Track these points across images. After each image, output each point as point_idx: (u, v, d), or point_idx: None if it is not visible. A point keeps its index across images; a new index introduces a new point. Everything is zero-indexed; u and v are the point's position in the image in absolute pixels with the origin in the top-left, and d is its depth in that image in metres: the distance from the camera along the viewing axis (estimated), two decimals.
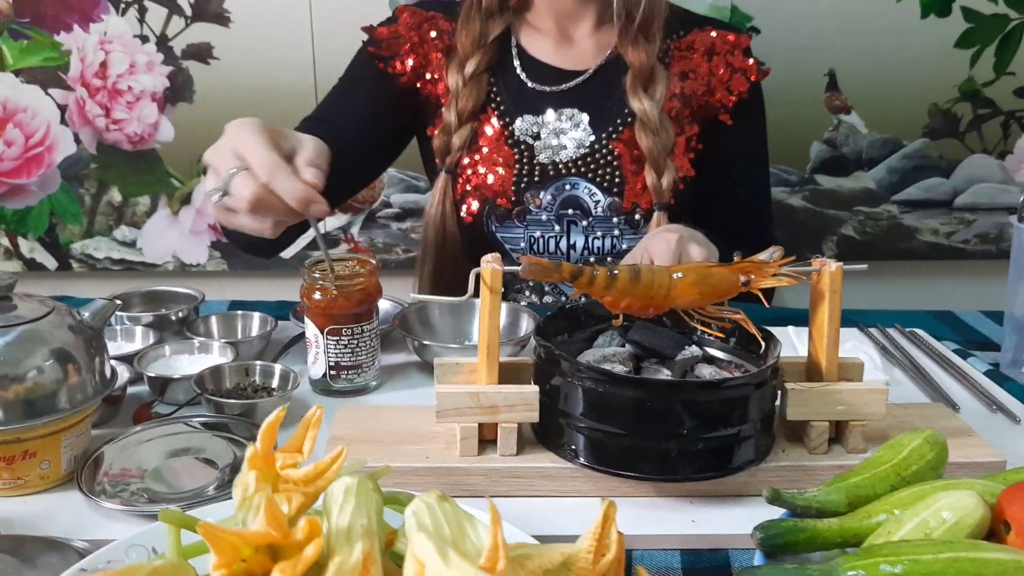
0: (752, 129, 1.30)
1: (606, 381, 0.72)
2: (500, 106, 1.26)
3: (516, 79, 1.27)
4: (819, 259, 0.78)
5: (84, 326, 0.76)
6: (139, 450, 0.79)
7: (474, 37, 1.25)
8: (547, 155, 1.25)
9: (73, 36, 1.77)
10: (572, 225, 1.26)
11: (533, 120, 1.25)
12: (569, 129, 1.25)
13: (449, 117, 1.25)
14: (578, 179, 1.25)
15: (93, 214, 1.88)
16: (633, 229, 1.25)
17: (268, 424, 0.51)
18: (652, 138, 1.20)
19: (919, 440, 0.68)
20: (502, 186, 1.24)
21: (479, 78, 1.25)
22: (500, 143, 1.25)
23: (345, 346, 0.91)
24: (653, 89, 1.21)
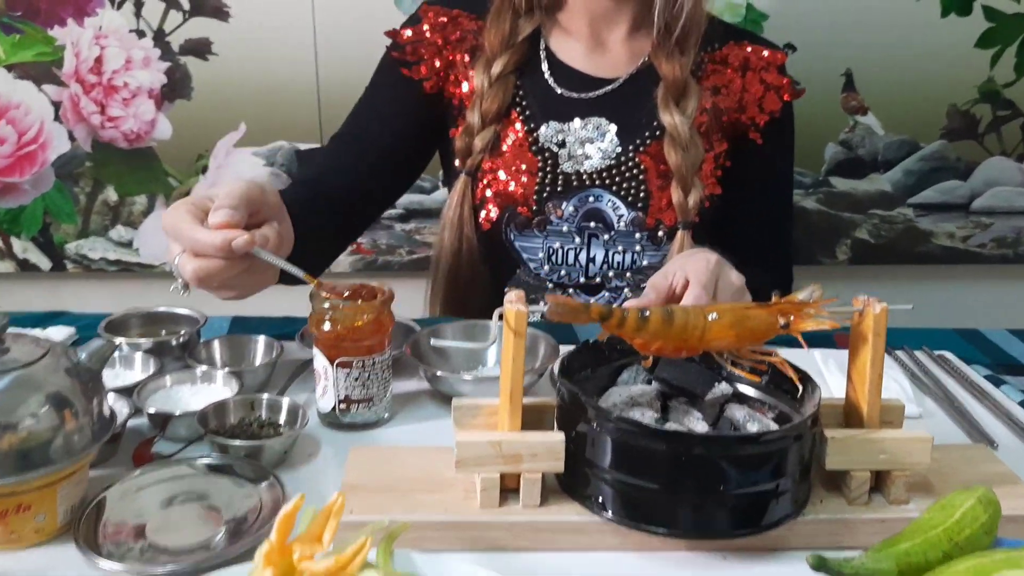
0: (781, 150, 1.27)
1: (636, 432, 0.68)
2: (526, 110, 1.22)
3: (544, 83, 1.23)
4: (862, 299, 0.74)
5: (81, 368, 0.72)
6: (140, 497, 0.74)
7: (503, 36, 1.20)
8: (571, 164, 1.21)
9: (67, 30, 1.71)
10: (593, 238, 1.22)
11: (559, 127, 1.21)
12: (595, 139, 1.20)
13: (472, 118, 1.21)
14: (602, 191, 1.20)
15: (88, 214, 1.83)
16: (655, 246, 1.21)
17: (283, 516, 0.46)
18: (681, 154, 1.16)
19: (972, 501, 0.64)
20: (523, 194, 1.20)
21: (506, 79, 1.21)
22: (523, 149, 1.21)
23: (356, 379, 0.87)
24: (685, 104, 1.17)
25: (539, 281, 1.24)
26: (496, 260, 1.24)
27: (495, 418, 0.74)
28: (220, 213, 0.80)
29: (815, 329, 0.72)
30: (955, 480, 0.77)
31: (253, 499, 0.75)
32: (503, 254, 1.24)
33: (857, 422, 0.75)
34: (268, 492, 0.75)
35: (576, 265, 1.23)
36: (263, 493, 0.75)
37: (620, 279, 1.23)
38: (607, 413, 0.69)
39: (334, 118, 1.76)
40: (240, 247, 0.79)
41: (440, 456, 0.78)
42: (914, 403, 0.96)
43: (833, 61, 1.77)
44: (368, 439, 0.89)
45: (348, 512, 0.70)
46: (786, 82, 1.23)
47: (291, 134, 1.79)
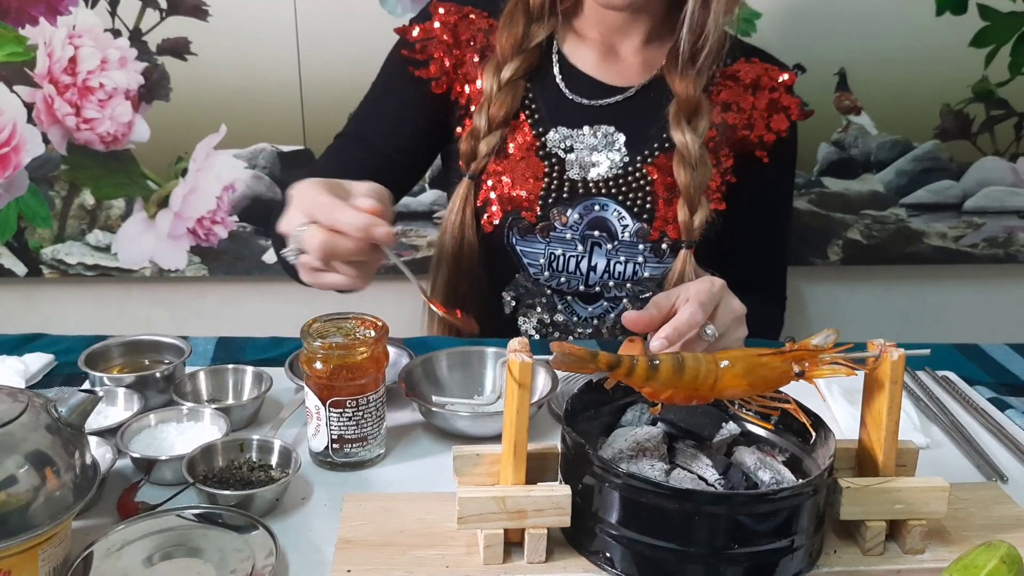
0: (785, 169, 1.25)
1: (646, 490, 0.65)
2: (534, 115, 1.19)
3: (554, 88, 1.20)
4: (878, 343, 0.71)
5: (62, 424, 0.68)
6: (126, 553, 0.71)
7: (516, 40, 1.17)
8: (578, 171, 1.18)
9: (39, 30, 1.65)
10: (596, 247, 1.20)
11: (567, 133, 1.19)
12: (603, 147, 1.18)
13: (479, 122, 1.18)
14: (608, 200, 1.18)
15: (64, 218, 1.78)
16: (658, 258, 1.19)
17: None
18: (690, 173, 1.14)
19: (995, 561, 0.62)
20: (529, 199, 1.18)
21: (515, 84, 1.18)
22: (531, 153, 1.18)
23: (349, 418, 0.84)
24: (696, 123, 1.15)
25: (538, 287, 1.22)
26: (497, 264, 1.22)
27: (497, 467, 0.72)
28: (369, 201, 0.82)
29: (831, 376, 0.70)
30: (970, 525, 0.75)
31: (244, 553, 0.71)
32: (503, 258, 1.21)
33: (871, 468, 0.73)
34: (259, 545, 0.72)
35: (577, 273, 1.21)
36: (254, 547, 0.72)
37: (620, 289, 1.21)
38: (613, 467, 0.67)
39: (318, 119, 1.73)
40: (382, 237, 0.80)
41: (439, 504, 0.75)
42: (921, 433, 0.94)
43: (826, 60, 1.74)
44: (362, 480, 0.85)
45: (346, 572, 0.68)
46: (795, 103, 1.21)
47: (273, 136, 1.74)
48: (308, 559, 0.73)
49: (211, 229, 1.79)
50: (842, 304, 1.92)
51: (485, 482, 0.71)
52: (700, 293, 0.90)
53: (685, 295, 0.89)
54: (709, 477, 0.72)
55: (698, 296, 0.89)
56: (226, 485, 0.79)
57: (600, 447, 0.75)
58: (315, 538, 0.76)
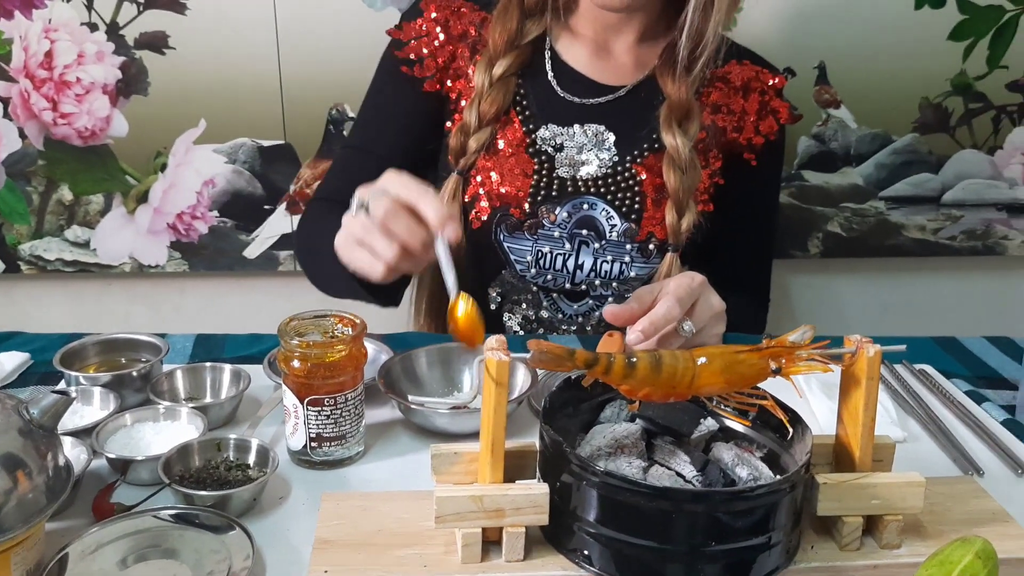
0: (772, 172, 1.27)
1: (623, 488, 0.65)
2: (525, 111, 1.19)
3: (546, 85, 1.20)
4: (854, 339, 0.72)
5: (34, 426, 0.67)
6: (100, 555, 0.71)
7: (509, 36, 1.17)
8: (567, 170, 1.18)
9: (14, 23, 1.63)
10: (583, 245, 1.19)
11: (558, 130, 1.18)
12: (593, 146, 1.18)
13: (469, 117, 1.17)
14: (596, 199, 1.18)
15: (42, 213, 1.76)
16: (645, 258, 1.19)
17: None
18: (680, 176, 1.14)
19: (970, 556, 0.62)
20: (517, 195, 1.17)
21: (507, 81, 1.17)
22: (520, 150, 1.17)
23: (327, 417, 0.83)
24: (687, 125, 1.15)
25: (523, 283, 1.22)
26: (484, 260, 1.22)
27: (475, 465, 0.71)
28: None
29: (808, 373, 0.70)
30: (946, 520, 0.76)
31: (220, 555, 0.71)
32: (490, 254, 1.21)
33: (848, 464, 0.73)
34: (236, 546, 0.72)
35: (563, 270, 1.20)
36: (231, 547, 0.72)
37: (606, 288, 1.21)
38: (591, 465, 0.67)
39: (298, 114, 1.71)
40: (450, 236, 0.83)
41: (417, 503, 0.75)
42: (898, 426, 0.95)
43: (806, 54, 1.74)
44: (341, 478, 0.85)
45: (323, 572, 0.67)
46: (785, 106, 1.22)
47: (254, 131, 1.73)
48: (286, 559, 0.73)
49: (191, 224, 1.78)
50: (822, 296, 1.93)
51: (463, 481, 0.71)
52: (679, 288, 0.90)
53: (666, 289, 0.90)
54: (687, 474, 0.72)
55: (676, 291, 0.89)
56: (203, 485, 0.78)
57: (578, 444, 0.75)
58: (293, 538, 0.75)
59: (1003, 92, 1.80)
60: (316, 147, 1.73)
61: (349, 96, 1.64)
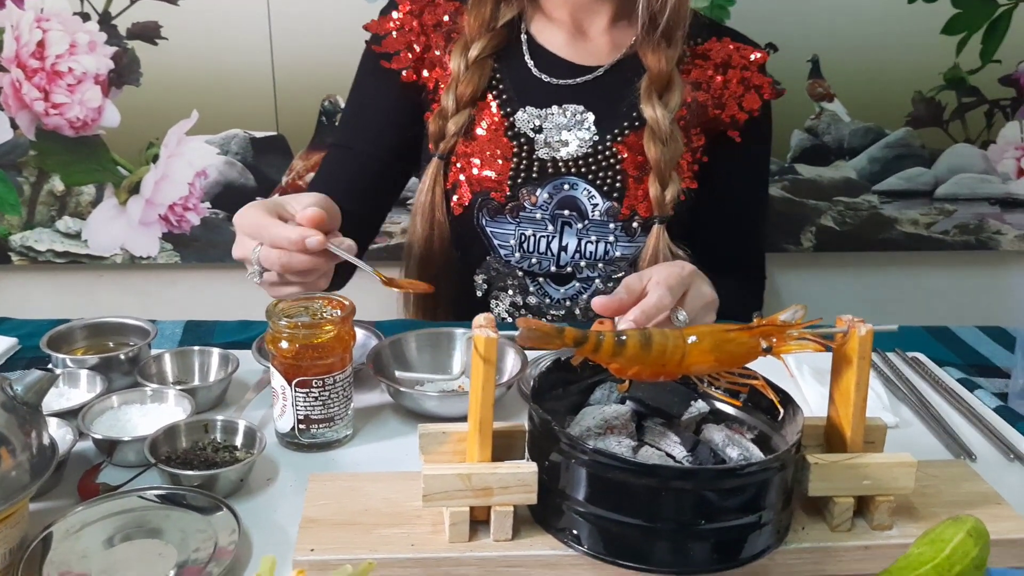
0: (758, 149, 1.26)
1: (612, 465, 0.65)
2: (503, 94, 1.19)
3: (523, 68, 1.20)
4: (846, 319, 0.71)
5: (17, 403, 0.67)
6: (85, 534, 0.70)
7: (483, 20, 1.18)
8: (547, 151, 1.18)
9: (6, 13, 1.63)
10: (566, 226, 1.19)
11: (536, 112, 1.18)
12: (573, 126, 1.18)
13: (447, 102, 1.18)
14: (577, 179, 1.18)
15: (33, 204, 1.75)
16: (629, 237, 1.18)
17: None
18: (661, 148, 1.13)
19: (962, 534, 0.62)
20: (497, 179, 1.17)
21: (483, 63, 1.18)
22: (499, 134, 1.17)
23: (316, 398, 0.83)
24: (668, 97, 1.15)
25: (509, 268, 1.21)
26: (466, 246, 1.21)
27: (464, 445, 0.71)
28: (310, 210, 0.89)
29: (798, 352, 0.69)
30: (938, 502, 0.75)
31: (206, 534, 0.70)
32: (474, 240, 1.21)
33: (839, 445, 0.73)
34: (223, 526, 0.71)
35: (548, 253, 1.20)
36: (217, 527, 0.71)
37: (592, 269, 1.20)
38: (580, 444, 0.66)
39: (290, 105, 1.71)
40: (314, 246, 0.88)
41: (405, 483, 0.74)
42: (891, 412, 0.94)
43: (800, 47, 1.74)
44: (329, 460, 0.85)
45: (309, 551, 0.67)
46: (767, 82, 1.21)
47: (246, 122, 1.72)
48: (272, 539, 0.72)
49: (183, 216, 1.77)
50: (815, 290, 1.92)
51: (451, 460, 0.70)
52: (670, 277, 0.90)
53: (656, 278, 0.89)
54: (677, 454, 0.71)
55: (667, 280, 0.89)
56: (190, 466, 0.78)
57: (567, 425, 0.74)
58: (280, 518, 0.75)
59: (996, 86, 1.80)
60: (308, 138, 1.72)
61: (342, 88, 1.62)
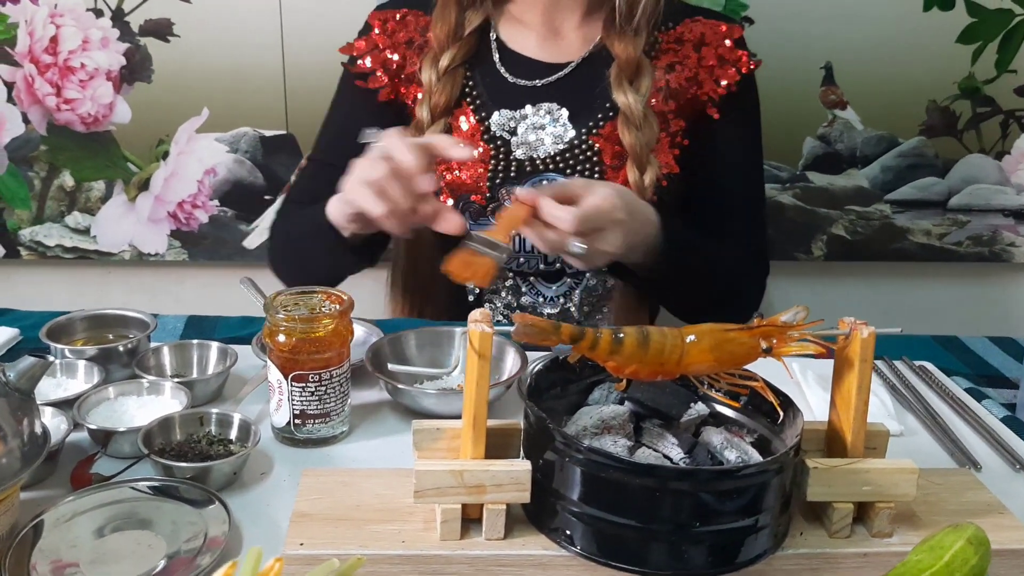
0: (743, 123, 1.23)
1: (607, 464, 0.64)
2: (476, 100, 1.19)
3: (494, 73, 1.20)
4: (848, 321, 0.70)
5: (9, 389, 0.66)
6: (76, 524, 0.69)
7: (449, 29, 1.17)
8: (524, 151, 1.18)
9: (20, 8, 1.64)
10: None
11: (510, 115, 1.18)
12: (548, 124, 1.17)
13: (422, 114, 1.18)
14: (556, 175, 1.17)
15: (43, 199, 1.76)
16: None
17: None
18: (635, 133, 1.13)
19: (961, 542, 0.60)
20: (476, 182, 1.17)
21: (454, 72, 1.18)
22: (475, 139, 1.18)
23: (312, 393, 0.82)
24: (638, 83, 1.15)
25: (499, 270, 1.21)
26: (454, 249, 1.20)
27: (458, 442, 0.70)
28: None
29: (799, 353, 0.68)
30: (940, 510, 0.74)
31: (197, 527, 0.70)
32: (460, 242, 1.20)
33: (840, 450, 0.72)
34: (214, 519, 0.71)
35: (535, 251, 1.19)
36: (208, 520, 0.70)
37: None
38: (576, 442, 0.65)
39: (301, 104, 1.71)
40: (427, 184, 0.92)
41: (398, 480, 0.73)
42: (895, 420, 0.93)
43: (813, 54, 1.73)
44: (324, 456, 0.84)
45: (298, 545, 0.66)
46: (743, 55, 1.19)
47: (256, 120, 1.72)
48: (264, 533, 0.71)
49: (192, 213, 1.77)
50: (824, 300, 1.91)
51: (446, 457, 0.70)
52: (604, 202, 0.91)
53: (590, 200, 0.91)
54: (674, 456, 0.70)
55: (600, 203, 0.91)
56: (183, 458, 0.77)
57: (564, 424, 0.74)
58: (273, 513, 0.74)
59: (1012, 97, 1.78)
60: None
61: None
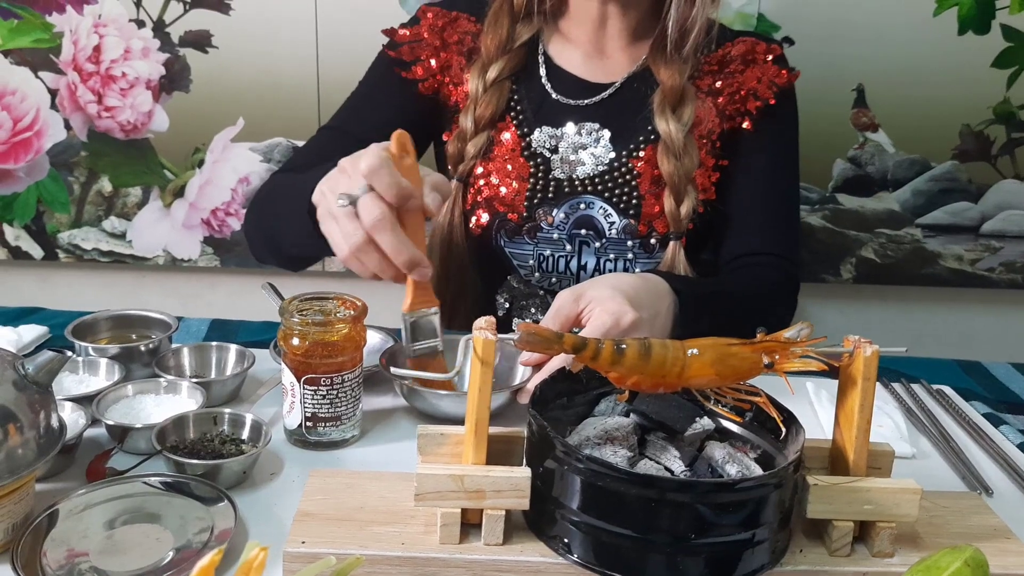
0: (778, 136, 1.22)
1: (606, 474, 0.64)
2: (520, 115, 1.19)
3: (540, 88, 1.20)
4: (852, 339, 0.70)
5: (28, 381, 0.68)
6: (88, 516, 0.71)
7: (500, 41, 1.18)
8: (563, 170, 1.18)
9: (66, 18, 1.69)
10: (584, 245, 1.19)
11: (552, 132, 1.18)
12: (589, 144, 1.18)
13: (466, 123, 1.18)
14: (594, 198, 1.17)
15: (82, 203, 1.80)
16: (648, 253, 1.17)
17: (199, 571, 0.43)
18: (674, 162, 1.13)
19: (959, 563, 0.60)
20: (514, 199, 1.17)
21: (501, 84, 1.18)
22: (516, 154, 1.18)
23: (323, 396, 0.84)
24: (681, 111, 1.15)
25: (530, 288, 1.21)
26: (487, 266, 1.21)
27: (461, 447, 0.71)
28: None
29: (801, 370, 0.68)
30: (944, 533, 0.73)
31: (205, 523, 0.71)
32: (494, 260, 1.21)
33: (843, 468, 0.72)
34: (222, 516, 0.72)
35: (567, 272, 1.20)
36: (216, 517, 0.72)
37: None
38: (576, 451, 0.66)
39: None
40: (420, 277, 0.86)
41: (403, 484, 0.74)
42: (908, 442, 0.92)
43: (845, 76, 1.72)
44: (334, 459, 0.85)
45: (300, 543, 0.67)
46: (782, 72, 1.19)
47: (289, 131, 1.76)
48: (269, 530, 0.73)
49: (224, 220, 1.81)
50: (852, 323, 1.89)
51: (449, 462, 0.71)
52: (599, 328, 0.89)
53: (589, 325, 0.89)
54: (675, 468, 0.71)
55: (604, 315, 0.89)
56: (196, 456, 0.79)
57: (568, 435, 0.74)
58: (280, 512, 0.76)
59: None
60: None
61: None
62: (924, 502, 0.73)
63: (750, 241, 1.20)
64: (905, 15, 1.68)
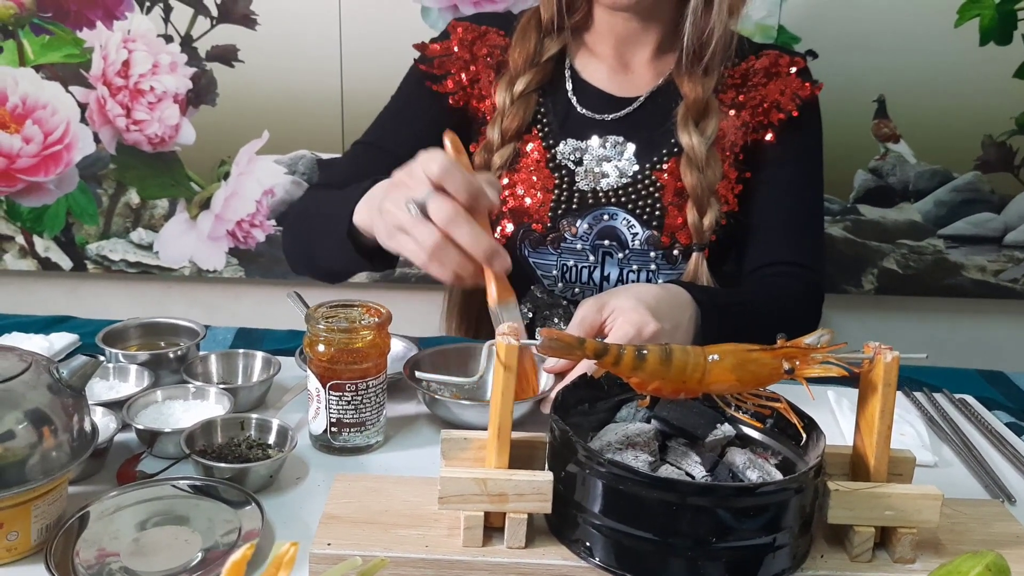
0: (801, 146, 1.22)
1: (627, 478, 0.65)
2: (545, 127, 1.21)
3: (566, 102, 1.22)
4: (873, 345, 0.71)
5: (63, 385, 0.70)
6: (118, 517, 0.73)
7: (528, 55, 1.20)
8: (588, 182, 1.19)
9: (96, 33, 1.72)
10: (607, 256, 1.20)
11: (576, 145, 1.20)
12: (613, 157, 1.19)
13: (492, 135, 1.20)
14: (617, 209, 1.18)
15: (110, 215, 1.83)
16: (671, 265, 1.18)
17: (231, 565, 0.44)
18: (697, 175, 1.14)
19: (980, 568, 0.60)
20: (538, 210, 1.18)
21: (528, 97, 1.20)
22: (541, 165, 1.19)
23: (348, 402, 0.85)
24: (704, 124, 1.16)
25: (553, 299, 1.22)
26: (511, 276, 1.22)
27: (484, 452, 0.72)
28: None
29: (821, 376, 0.69)
30: (966, 539, 0.73)
31: (232, 525, 0.73)
32: (518, 270, 1.21)
33: (864, 474, 0.72)
34: (249, 518, 0.73)
35: (591, 283, 1.21)
36: (243, 519, 0.73)
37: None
38: (597, 455, 0.67)
39: (357, 129, 1.74)
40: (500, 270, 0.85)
41: (427, 488, 0.75)
42: (930, 451, 0.92)
43: (866, 86, 1.73)
44: (358, 464, 0.86)
45: (325, 545, 0.68)
46: (805, 84, 1.20)
47: (314, 143, 1.78)
48: (295, 533, 0.74)
49: (249, 232, 1.83)
50: (874, 334, 1.87)
51: (471, 466, 0.72)
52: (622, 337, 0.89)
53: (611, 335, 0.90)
54: (696, 474, 0.71)
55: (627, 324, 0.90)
56: (223, 460, 0.80)
57: (590, 440, 0.75)
58: (305, 515, 0.77)
59: None
60: None
61: None
62: (945, 509, 0.74)
63: (774, 251, 1.20)
64: (926, 26, 1.68)
